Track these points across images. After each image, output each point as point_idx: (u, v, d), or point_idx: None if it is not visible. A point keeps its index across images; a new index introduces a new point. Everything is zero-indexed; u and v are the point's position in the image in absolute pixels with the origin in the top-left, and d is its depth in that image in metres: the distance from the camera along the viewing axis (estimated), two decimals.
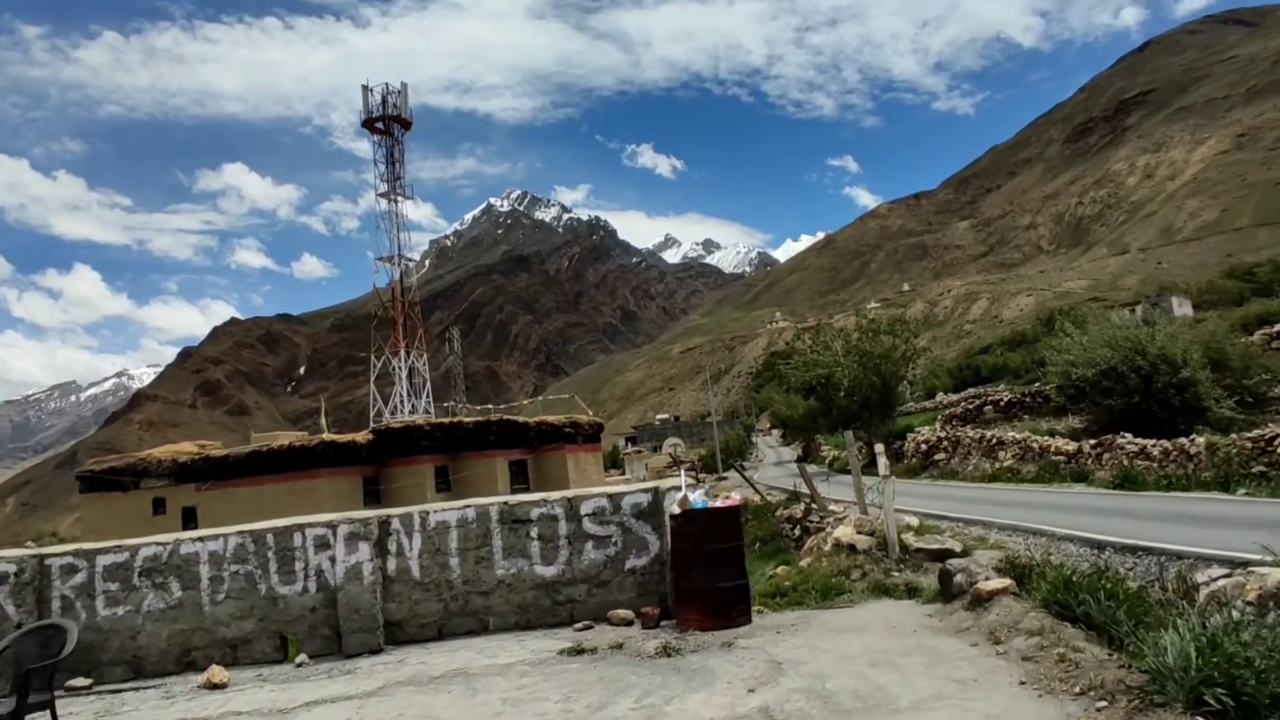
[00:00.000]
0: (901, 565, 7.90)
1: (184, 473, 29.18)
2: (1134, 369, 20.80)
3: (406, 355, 51.67)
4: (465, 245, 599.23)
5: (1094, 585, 5.12)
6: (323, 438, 29.87)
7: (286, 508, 28.28)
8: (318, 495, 28.43)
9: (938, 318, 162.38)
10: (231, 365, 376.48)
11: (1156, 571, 6.99)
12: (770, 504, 20.47)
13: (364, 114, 51.01)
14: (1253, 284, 46.33)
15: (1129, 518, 11.06)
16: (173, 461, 29.04)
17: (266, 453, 29.05)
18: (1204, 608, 4.73)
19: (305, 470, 28.85)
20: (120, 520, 29.33)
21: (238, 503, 28.46)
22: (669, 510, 6.86)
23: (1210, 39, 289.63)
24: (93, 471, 31.29)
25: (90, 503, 31.46)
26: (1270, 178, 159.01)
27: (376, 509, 25.47)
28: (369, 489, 31.09)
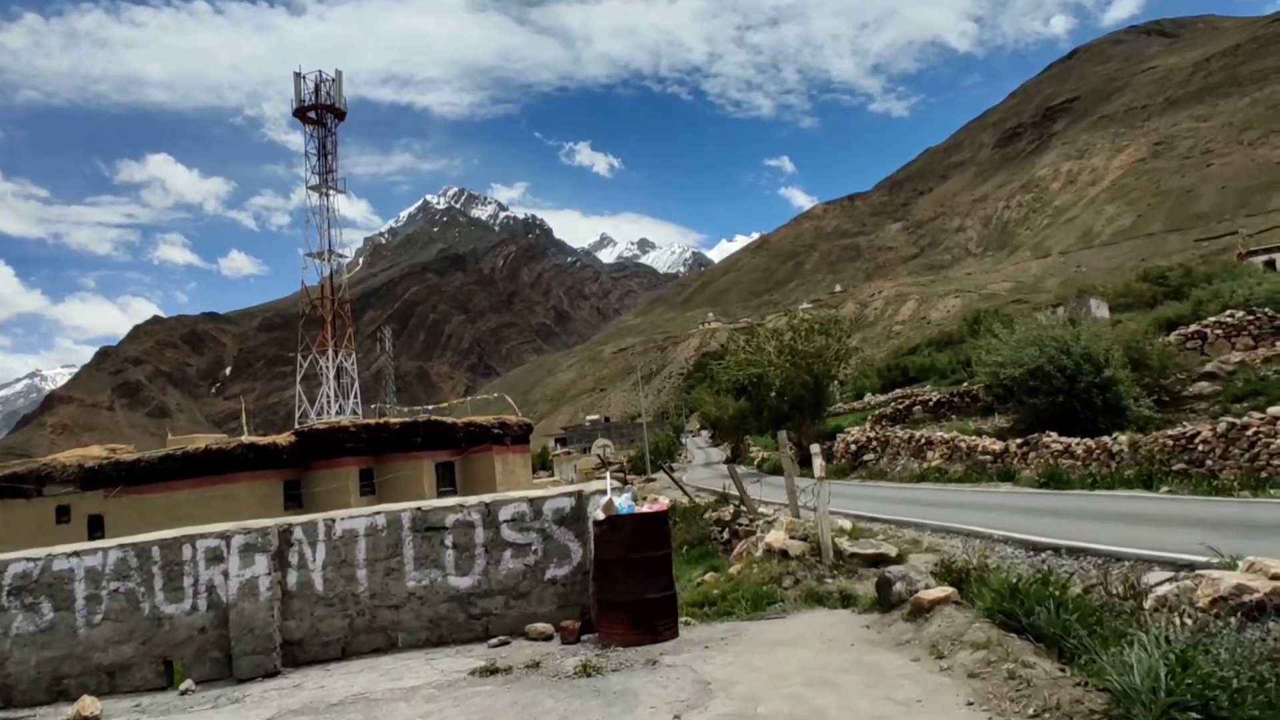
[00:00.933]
0: (836, 572, 7.66)
1: (91, 478, 27.40)
2: (1059, 368, 21.11)
3: (335, 354, 49.98)
4: (400, 243, 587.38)
5: (1041, 593, 4.90)
6: (241, 440, 28.47)
7: (202, 515, 26.86)
8: (236, 501, 27.07)
9: (868, 318, 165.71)
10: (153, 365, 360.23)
11: (1098, 575, 6.88)
12: (698, 506, 20.19)
13: (295, 103, 49.10)
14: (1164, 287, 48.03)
15: (1060, 517, 11.13)
16: (79, 466, 27.26)
17: (181, 456, 27.52)
18: (1153, 613, 4.54)
19: (223, 475, 27.46)
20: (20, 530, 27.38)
21: (149, 510, 26.91)
22: (593, 516, 6.45)
23: (1133, 49, 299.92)
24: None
25: None
26: (1182, 185, 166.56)
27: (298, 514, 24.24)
28: (291, 494, 29.79)
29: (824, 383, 34.08)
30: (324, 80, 49.53)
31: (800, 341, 33.80)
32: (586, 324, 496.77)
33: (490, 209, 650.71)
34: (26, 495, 27.48)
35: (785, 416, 34.23)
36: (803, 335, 34.18)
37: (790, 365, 33.10)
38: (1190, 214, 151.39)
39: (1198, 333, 25.61)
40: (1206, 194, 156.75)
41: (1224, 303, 29.19)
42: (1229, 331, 25.02)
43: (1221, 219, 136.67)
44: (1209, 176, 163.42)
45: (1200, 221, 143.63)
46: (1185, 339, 25.83)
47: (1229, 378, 21.66)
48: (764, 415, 35.47)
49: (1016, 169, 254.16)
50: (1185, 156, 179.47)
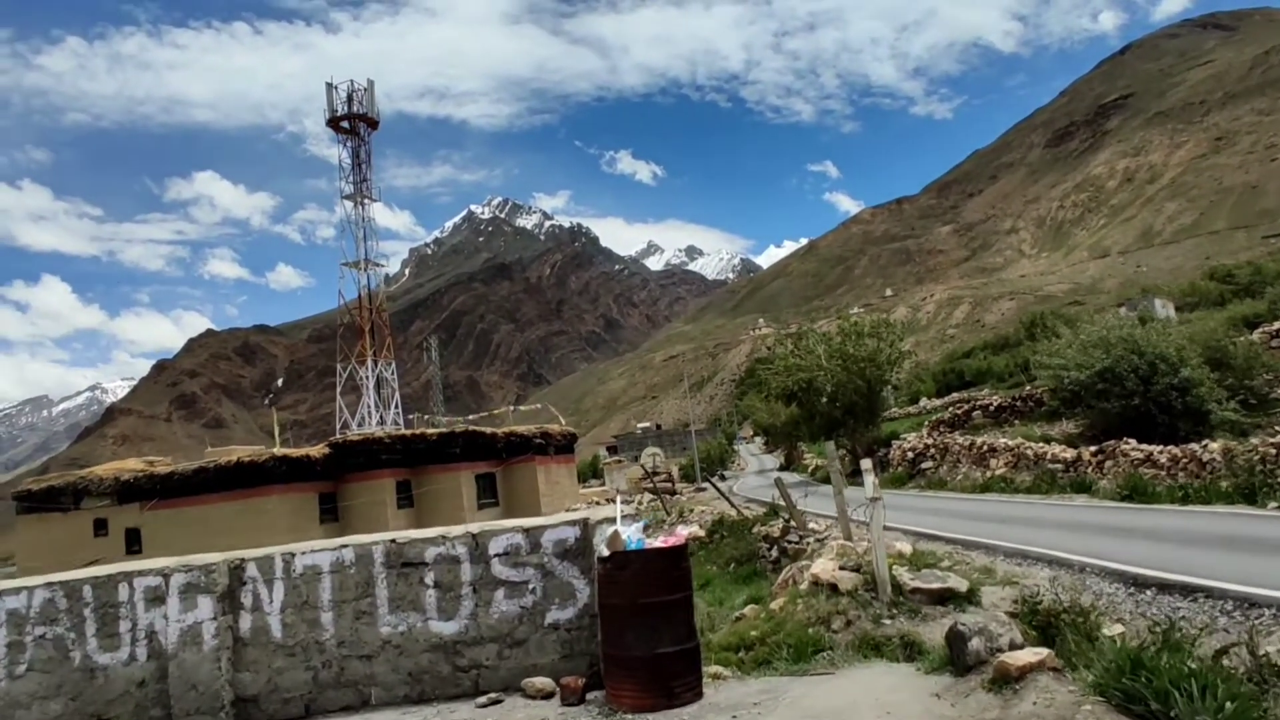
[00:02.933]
0: (894, 611, 6.41)
1: (127, 492, 27.34)
2: (1131, 369, 19.79)
3: (374, 364, 49.85)
4: (445, 253, 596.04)
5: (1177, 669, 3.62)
6: (274, 452, 28.11)
7: (236, 529, 26.51)
8: (269, 514, 26.77)
9: (920, 322, 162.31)
10: (207, 378, 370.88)
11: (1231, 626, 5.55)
12: (747, 520, 18.95)
13: (328, 112, 49.25)
14: (1232, 285, 46.13)
15: (1157, 540, 9.59)
16: (115, 480, 27.23)
17: (214, 470, 27.29)
18: None
19: (256, 488, 27.15)
20: (59, 543, 27.47)
21: (185, 523, 26.73)
22: (599, 549, 5.34)
23: (1188, 44, 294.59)
24: (30, 491, 29.34)
25: (28, 524, 29.50)
26: (1245, 181, 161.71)
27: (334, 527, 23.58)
28: (326, 507, 29.42)
29: (877, 387, 32.66)
30: (356, 90, 49.61)
31: (851, 345, 32.52)
32: (636, 331, 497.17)
33: (535, 218, 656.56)
34: (63, 509, 27.49)
35: (838, 423, 32.96)
36: (853, 338, 32.88)
37: (841, 369, 31.86)
38: (1255, 210, 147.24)
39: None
40: (1272, 189, 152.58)
41: None
42: None
43: None
44: (1273, 172, 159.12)
45: (1266, 218, 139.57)
46: (1270, 337, 24.24)
47: None
48: (816, 421, 34.13)
49: (1070, 168, 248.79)
50: (1248, 151, 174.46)
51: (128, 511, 27.37)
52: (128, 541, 26.73)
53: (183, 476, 27.49)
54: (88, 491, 27.59)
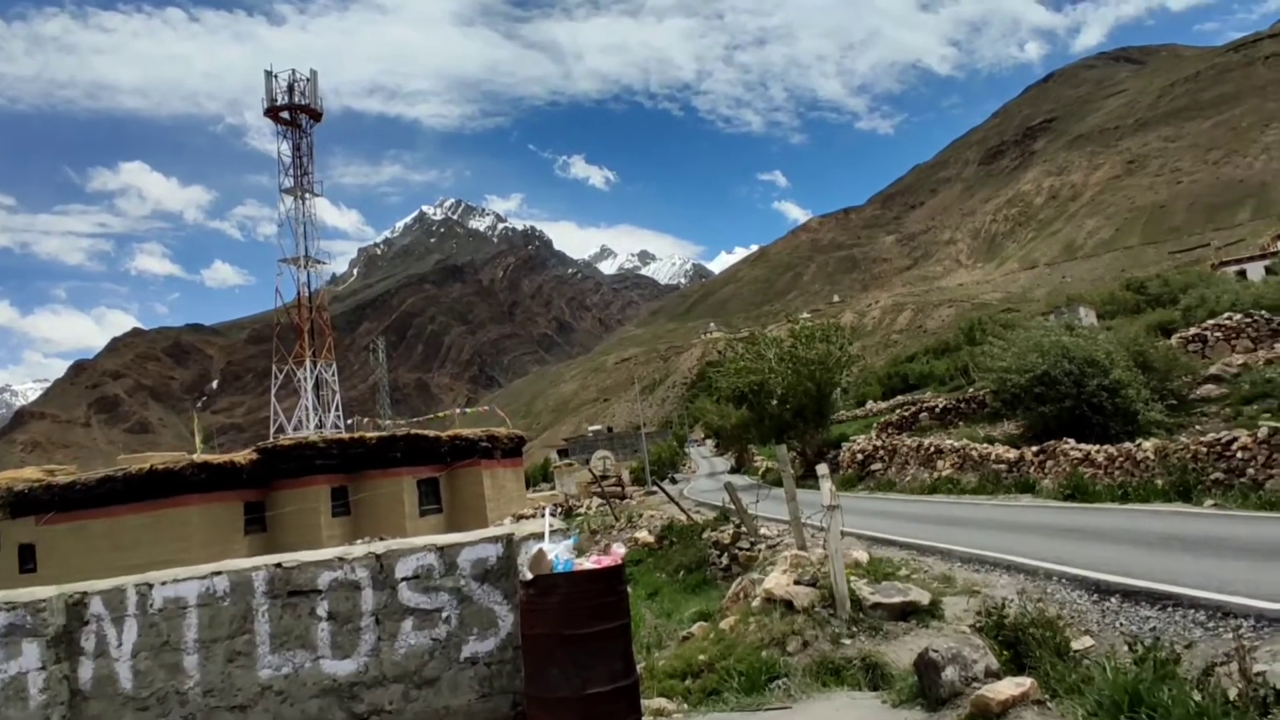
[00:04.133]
0: (854, 629, 5.81)
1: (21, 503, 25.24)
2: (1064, 373, 20.47)
3: (313, 365, 48.05)
4: (396, 254, 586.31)
5: (1183, 706, 3.06)
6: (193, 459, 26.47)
7: (148, 543, 24.79)
8: (187, 526, 25.17)
9: (867, 327, 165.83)
10: (133, 379, 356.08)
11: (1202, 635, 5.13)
12: (697, 525, 18.36)
13: (266, 102, 47.22)
14: (1145, 296, 49.12)
15: (1108, 541, 9.26)
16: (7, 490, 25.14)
17: (123, 478, 25.42)
18: None
19: (172, 497, 25.40)
20: None
21: (89, 538, 24.89)
22: (523, 571, 4.59)
23: (1103, 74, 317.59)
24: None
25: None
26: (1155, 201, 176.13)
27: (260, 538, 22.08)
28: (253, 516, 27.88)
29: (827, 390, 32.57)
30: (298, 79, 47.75)
31: (802, 348, 32.45)
32: (589, 335, 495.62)
33: (488, 220, 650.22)
34: None
35: (788, 425, 32.84)
36: (804, 342, 32.85)
37: (792, 372, 31.76)
38: (1164, 228, 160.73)
39: (1198, 335, 25.34)
40: (1177, 209, 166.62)
41: (1211, 308, 29.60)
42: (1228, 334, 24.84)
43: (1192, 233, 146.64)
44: (1179, 193, 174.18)
45: (1173, 235, 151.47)
46: (1186, 342, 25.32)
47: (1234, 380, 20.93)
48: (766, 424, 33.92)
49: (1001, 184, 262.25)
50: (1156, 174, 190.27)
51: (21, 525, 25.24)
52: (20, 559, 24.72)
53: (86, 487, 25.48)
54: None
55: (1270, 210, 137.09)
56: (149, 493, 25.96)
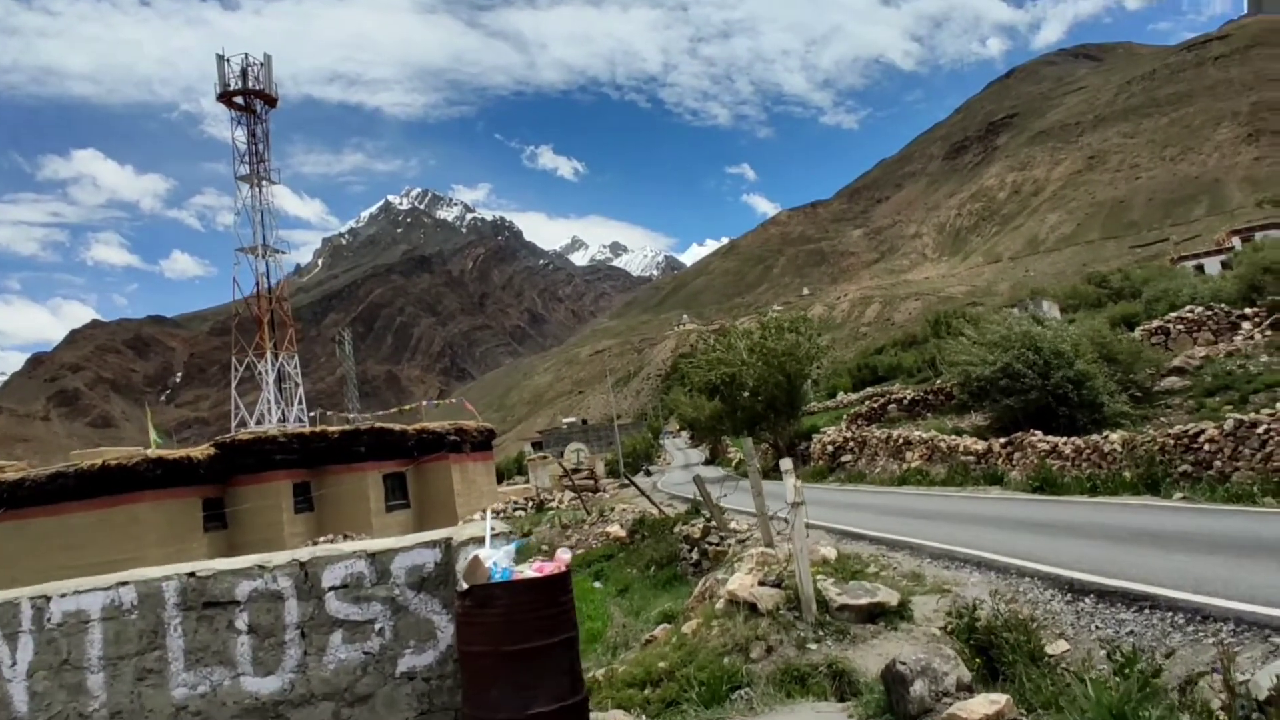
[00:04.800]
0: (820, 632, 5.52)
1: None
2: (1030, 365, 20.59)
3: (275, 358, 46.99)
4: (361, 244, 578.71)
5: None
6: (147, 454, 25.60)
7: (100, 541, 23.91)
8: (141, 524, 24.34)
9: (836, 320, 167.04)
10: (93, 372, 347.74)
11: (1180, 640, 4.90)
12: (668, 519, 18.11)
13: (219, 87, 45.86)
14: (1107, 290, 50.12)
15: (1079, 536, 9.08)
16: None
17: (74, 474, 24.49)
18: None
19: (127, 494, 24.52)
20: None
21: (37, 537, 23.94)
22: (460, 581, 4.22)
23: (1063, 70, 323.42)
24: None
25: None
26: (1114, 196, 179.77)
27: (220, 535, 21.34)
28: (212, 513, 27.08)
29: (798, 381, 32.53)
30: (251, 64, 46.39)
31: (771, 339, 32.35)
32: (562, 326, 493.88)
33: (456, 210, 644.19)
34: None
35: (760, 416, 32.75)
36: (774, 333, 32.76)
37: (763, 364, 31.66)
38: (1123, 222, 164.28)
39: (1161, 328, 25.65)
40: (1136, 204, 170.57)
41: (1172, 301, 30.10)
42: (1190, 327, 25.16)
43: (1151, 227, 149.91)
44: (1138, 189, 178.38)
45: (1132, 229, 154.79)
46: (1150, 334, 25.61)
47: (1197, 372, 21.17)
48: (739, 416, 33.77)
49: (965, 179, 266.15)
50: (1116, 170, 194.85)
51: None
52: None
53: (35, 483, 24.47)
54: None
55: (1224, 206, 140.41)
56: (102, 489, 25.04)
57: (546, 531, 22.69)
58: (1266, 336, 22.15)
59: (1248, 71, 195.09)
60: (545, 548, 21.50)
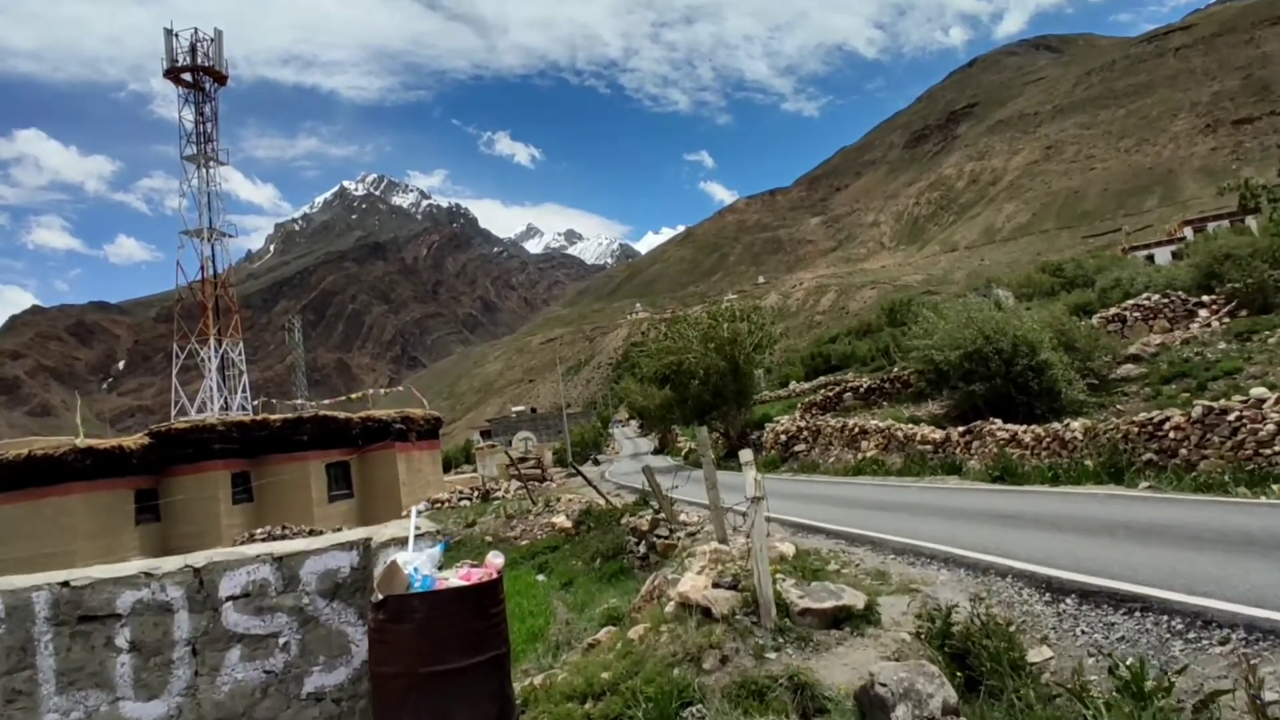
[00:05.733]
0: (780, 639, 5.11)
1: None
2: (995, 351, 20.23)
3: (219, 344, 45.34)
4: (315, 230, 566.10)
5: None
6: (75, 444, 24.34)
7: (26, 534, 22.69)
8: (70, 516, 23.18)
9: (791, 309, 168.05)
10: (33, 360, 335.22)
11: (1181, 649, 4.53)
12: (616, 510, 17.67)
13: (166, 62, 43.86)
14: (1060, 279, 50.91)
15: (1048, 529, 8.81)
16: None
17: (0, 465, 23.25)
18: None
19: (54, 486, 23.35)
20: None
21: None
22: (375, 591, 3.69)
23: (1024, 61, 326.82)
24: None
25: None
26: (1070, 186, 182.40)
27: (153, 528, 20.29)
28: (145, 504, 25.90)
29: (745, 369, 32.25)
30: (200, 39, 44.46)
31: (722, 328, 32.05)
32: (514, 314, 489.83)
33: (412, 197, 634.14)
34: None
35: (710, 405, 32.39)
36: (724, 322, 32.47)
37: (713, 352, 31.30)
38: (1077, 213, 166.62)
39: (1118, 315, 25.60)
40: (1091, 195, 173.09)
41: (1125, 290, 30.15)
42: (1146, 314, 25.13)
43: (1104, 218, 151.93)
44: (1093, 179, 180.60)
45: (1086, 220, 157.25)
46: (1106, 322, 25.59)
47: (1153, 360, 21.16)
48: (688, 404, 33.42)
49: (924, 168, 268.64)
50: (1072, 160, 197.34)
51: None
52: None
53: None
54: None
55: (1176, 197, 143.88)
56: (28, 481, 23.83)
57: (491, 522, 22.09)
58: (1225, 324, 22.12)
59: (1211, 61, 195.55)
60: (489, 539, 20.93)
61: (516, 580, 15.98)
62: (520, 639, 10.43)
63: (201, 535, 26.25)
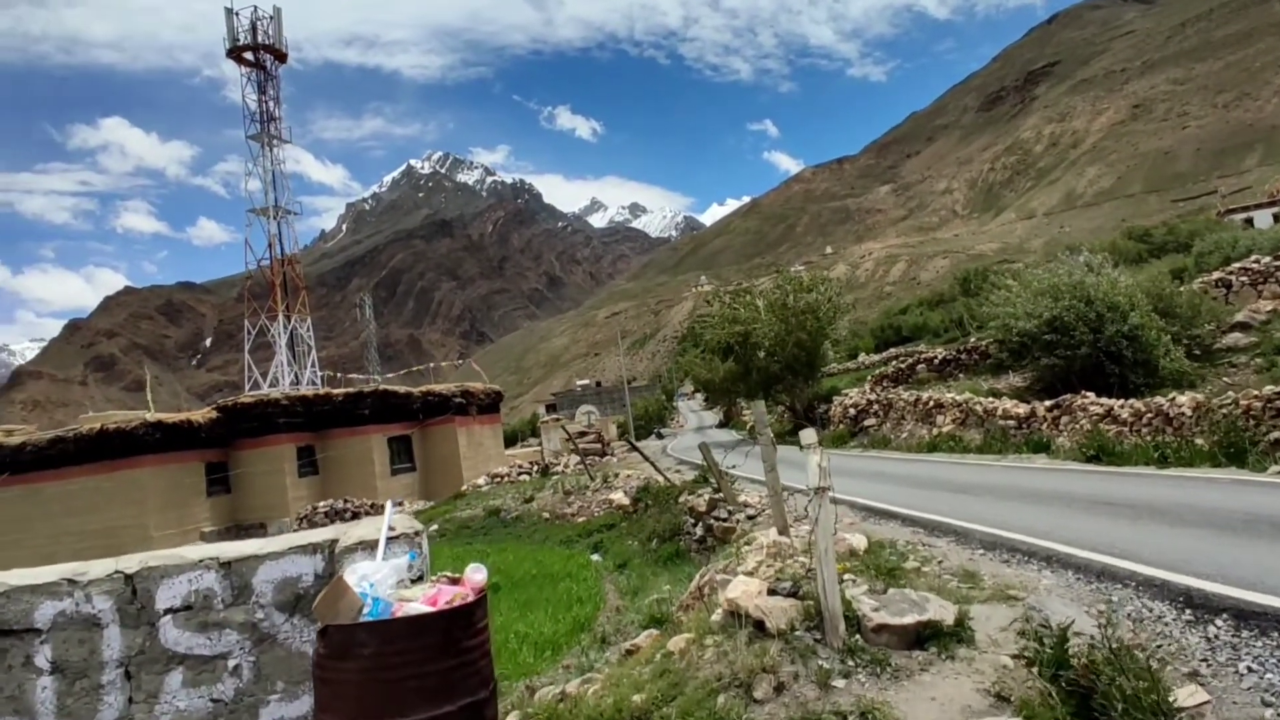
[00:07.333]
0: (850, 662, 4.19)
1: None
2: (1080, 318, 18.78)
3: (287, 320, 46.16)
4: (384, 209, 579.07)
5: None
6: (146, 418, 24.82)
7: (102, 506, 23.25)
8: (143, 488, 23.68)
9: (859, 280, 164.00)
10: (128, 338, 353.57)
11: None
12: (674, 487, 16.87)
13: (228, 41, 44.40)
14: (1149, 245, 47.65)
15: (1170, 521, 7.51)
16: None
17: (74, 439, 23.94)
18: None
19: (127, 458, 23.90)
20: None
21: (41, 501, 23.47)
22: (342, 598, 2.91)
23: (1110, 14, 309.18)
24: None
25: None
26: (1160, 147, 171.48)
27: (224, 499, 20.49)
28: (215, 477, 26.35)
29: (817, 341, 30.92)
30: (260, 17, 44.77)
31: (790, 297, 30.72)
32: (579, 289, 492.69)
33: (477, 174, 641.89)
34: None
35: (777, 378, 31.25)
36: (792, 291, 31.11)
37: (780, 322, 30.07)
38: (1168, 175, 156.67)
39: (1222, 280, 23.29)
40: (1183, 155, 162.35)
41: (1225, 254, 27.81)
42: (1255, 279, 22.71)
43: (1197, 179, 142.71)
44: (1186, 138, 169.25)
45: (1178, 182, 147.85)
46: (1210, 286, 23.34)
47: (1264, 327, 19.10)
48: (754, 377, 32.29)
49: (1000, 132, 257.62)
50: (1163, 119, 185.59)
51: None
52: None
53: (37, 448, 23.98)
54: None
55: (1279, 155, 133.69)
56: (102, 454, 24.51)
57: (549, 498, 21.58)
58: None
59: None
60: (546, 515, 20.40)
61: (570, 560, 15.43)
62: (565, 629, 9.76)
63: (269, 508, 26.68)
